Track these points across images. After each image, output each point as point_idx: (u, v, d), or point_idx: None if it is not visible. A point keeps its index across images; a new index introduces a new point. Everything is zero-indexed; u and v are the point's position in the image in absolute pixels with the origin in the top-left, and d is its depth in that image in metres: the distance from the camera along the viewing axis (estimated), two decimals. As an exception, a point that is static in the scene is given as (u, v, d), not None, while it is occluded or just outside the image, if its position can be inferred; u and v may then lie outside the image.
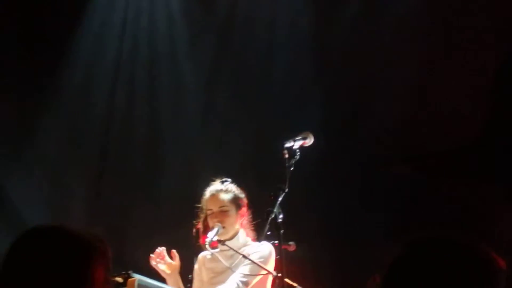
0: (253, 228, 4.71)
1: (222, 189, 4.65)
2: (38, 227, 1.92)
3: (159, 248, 4.50)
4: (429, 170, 5.81)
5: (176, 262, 4.48)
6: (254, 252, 4.44)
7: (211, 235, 4.41)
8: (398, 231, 5.24)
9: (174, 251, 4.48)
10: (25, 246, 1.87)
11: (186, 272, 4.63)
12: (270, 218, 3.76)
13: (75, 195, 6.90)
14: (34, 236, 1.89)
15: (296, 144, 4.05)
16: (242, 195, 4.68)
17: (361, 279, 1.87)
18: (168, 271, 4.41)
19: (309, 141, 4.14)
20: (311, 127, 4.33)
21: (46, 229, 1.91)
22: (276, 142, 4.15)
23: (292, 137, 4.08)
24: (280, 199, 3.83)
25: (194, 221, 4.72)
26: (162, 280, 4.42)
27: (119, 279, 3.75)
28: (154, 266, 4.43)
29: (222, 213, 4.56)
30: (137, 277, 3.78)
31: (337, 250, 5.89)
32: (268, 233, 3.89)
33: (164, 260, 4.44)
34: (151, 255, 4.49)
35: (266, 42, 6.66)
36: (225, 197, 4.61)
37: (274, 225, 3.81)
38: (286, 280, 3.87)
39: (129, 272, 3.83)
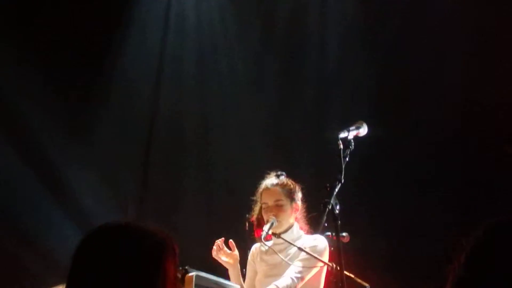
0: (307, 221, 4.69)
1: (278, 183, 4.64)
2: (106, 225, 1.91)
3: (218, 240, 4.51)
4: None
5: (235, 252, 4.50)
6: (309, 245, 4.43)
7: (266, 228, 4.41)
8: (453, 223, 5.17)
9: (231, 241, 4.49)
10: (96, 242, 1.85)
11: (241, 264, 4.63)
12: (327, 209, 3.73)
13: (128, 190, 6.95)
14: (104, 234, 1.87)
15: (351, 134, 4.02)
16: (297, 189, 4.66)
17: (417, 269, 1.83)
18: (230, 261, 4.43)
19: (363, 131, 4.11)
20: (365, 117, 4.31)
21: (115, 227, 1.89)
22: (331, 133, 4.12)
23: (347, 127, 4.05)
24: (336, 190, 3.80)
25: (248, 215, 4.72)
26: (220, 274, 4.43)
27: (177, 275, 3.75)
28: (215, 257, 4.44)
29: (277, 207, 4.56)
30: (195, 273, 3.77)
31: (392, 241, 5.84)
32: (325, 224, 3.86)
33: (224, 251, 4.45)
34: (213, 247, 4.51)
35: (316, 35, 6.65)
36: (280, 191, 4.60)
37: (331, 216, 3.78)
38: (345, 272, 3.83)
39: (187, 268, 3.82)
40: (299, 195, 4.69)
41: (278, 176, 4.69)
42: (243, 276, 4.56)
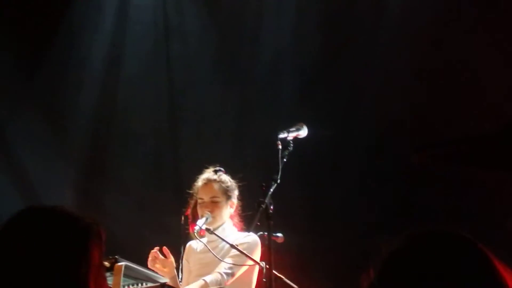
0: (241, 219, 4.70)
1: (215, 179, 4.63)
2: (33, 207, 1.87)
3: (152, 250, 4.47)
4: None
5: (170, 258, 4.45)
6: (241, 243, 4.44)
7: (200, 223, 4.40)
8: (392, 226, 5.22)
9: (165, 248, 4.44)
10: (20, 226, 1.81)
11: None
12: (261, 209, 3.75)
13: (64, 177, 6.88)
14: (29, 216, 1.84)
15: (290, 136, 4.05)
16: (234, 186, 4.67)
17: (351, 273, 1.84)
18: (164, 269, 4.35)
19: (303, 133, 4.13)
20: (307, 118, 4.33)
21: (41, 209, 1.86)
22: (272, 133, 4.14)
23: (287, 128, 4.07)
24: (272, 190, 3.82)
25: (184, 208, 4.71)
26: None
27: (106, 264, 3.73)
28: (151, 267, 4.38)
29: (213, 204, 4.55)
30: (124, 263, 3.75)
31: (326, 243, 5.88)
32: (258, 223, 3.88)
33: (159, 259, 4.41)
34: (149, 257, 4.45)
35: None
36: (217, 187, 4.60)
37: (265, 215, 3.79)
38: (274, 272, 3.85)
39: (117, 257, 3.80)
40: (235, 193, 4.69)
41: (216, 172, 4.68)
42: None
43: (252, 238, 4.46)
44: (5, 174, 6.71)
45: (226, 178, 4.67)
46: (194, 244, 4.71)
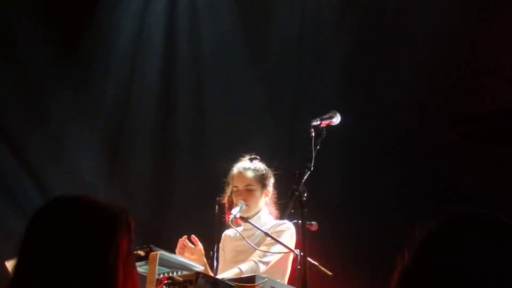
0: (277, 207, 4.69)
1: (250, 167, 4.63)
2: (61, 196, 1.89)
3: (181, 238, 4.47)
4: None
5: (198, 246, 4.45)
6: (276, 230, 4.42)
7: (234, 212, 4.40)
8: (427, 211, 5.16)
9: (193, 236, 4.45)
10: (49, 215, 1.84)
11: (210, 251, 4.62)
12: (294, 196, 3.73)
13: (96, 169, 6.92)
14: (58, 205, 1.86)
15: (323, 123, 4.02)
16: (270, 175, 4.66)
17: (387, 260, 1.82)
18: (192, 256, 4.36)
19: (336, 120, 4.10)
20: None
21: (70, 199, 1.88)
22: (305, 121, 4.11)
23: (320, 115, 4.05)
24: (305, 177, 3.80)
25: (219, 197, 4.71)
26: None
27: (141, 253, 3.74)
28: (179, 255, 4.40)
29: (247, 192, 4.55)
30: (159, 251, 3.76)
31: (360, 230, 5.85)
32: (292, 211, 3.86)
33: (188, 248, 4.42)
34: (177, 246, 4.47)
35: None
36: (252, 175, 4.59)
37: (299, 203, 3.77)
38: (308, 259, 3.83)
39: (151, 246, 3.82)
40: (271, 181, 4.68)
41: (251, 160, 4.68)
42: (211, 267, 4.54)
43: (286, 226, 4.45)
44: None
45: (261, 166, 4.66)
46: (230, 232, 4.71)
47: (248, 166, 4.66)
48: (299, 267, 3.91)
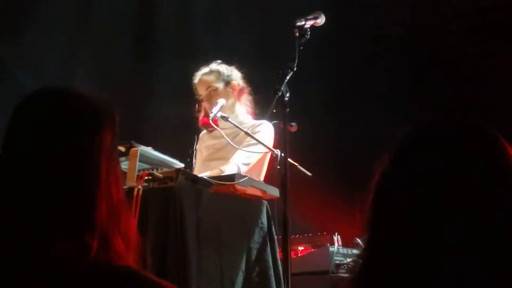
0: (252, 105, 4.68)
1: (206, 71, 4.61)
2: (44, 88, 1.84)
3: None
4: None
5: None
6: (255, 131, 4.43)
7: (215, 110, 4.39)
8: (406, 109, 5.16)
9: None
10: (31, 107, 1.80)
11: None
12: (277, 96, 3.70)
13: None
14: (42, 96, 1.82)
15: (308, 23, 3.96)
16: (233, 71, 4.63)
17: (365, 161, 1.82)
18: None
19: (321, 20, 4.04)
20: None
21: (53, 90, 1.83)
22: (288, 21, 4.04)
23: (304, 15, 3.98)
24: (288, 77, 3.77)
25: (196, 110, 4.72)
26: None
27: (122, 148, 3.72)
28: None
29: (212, 93, 4.55)
30: (140, 147, 3.74)
31: (340, 131, 5.87)
32: (274, 111, 3.84)
33: None
34: None
35: None
36: (211, 78, 4.58)
37: (281, 103, 3.75)
38: (289, 160, 3.85)
39: (132, 142, 3.79)
40: (236, 75, 4.67)
41: (207, 65, 4.67)
42: (190, 167, 4.57)
43: (265, 126, 4.46)
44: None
45: (218, 66, 4.64)
46: (206, 132, 4.72)
47: (204, 71, 4.65)
48: (278, 167, 3.93)
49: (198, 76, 4.68)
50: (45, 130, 1.74)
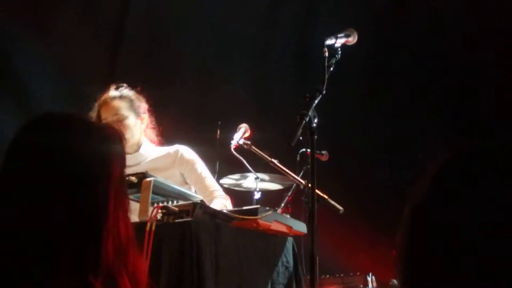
0: (158, 133, 4.66)
1: (116, 96, 4.56)
2: (51, 113, 1.84)
3: None
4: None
5: None
6: (185, 161, 4.48)
7: (237, 137, 4.41)
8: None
9: None
10: (38, 133, 1.78)
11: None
12: (303, 122, 3.66)
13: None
14: (48, 122, 1.81)
15: (338, 42, 3.93)
16: (141, 100, 4.61)
17: (400, 193, 1.80)
18: None
19: (353, 39, 4.00)
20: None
21: (63, 116, 1.83)
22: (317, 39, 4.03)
23: (334, 33, 3.95)
24: (316, 101, 3.73)
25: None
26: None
27: (134, 179, 3.73)
28: None
29: (119, 122, 4.49)
30: (153, 178, 3.74)
31: (376, 164, 5.86)
32: (300, 138, 3.80)
33: None
34: None
35: None
36: (122, 104, 4.55)
37: (308, 130, 3.72)
38: (318, 192, 3.82)
39: (145, 172, 3.80)
40: (143, 106, 4.64)
41: (117, 88, 4.62)
42: None
43: (188, 152, 4.48)
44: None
45: (129, 92, 4.61)
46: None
47: (115, 94, 4.59)
48: (305, 200, 3.90)
49: (107, 97, 4.58)
50: (49, 160, 1.73)
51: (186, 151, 4.54)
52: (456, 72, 6.14)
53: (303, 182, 4.00)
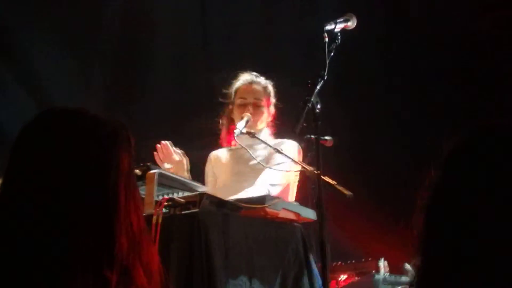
0: (275, 127, 4.73)
1: (260, 81, 4.66)
2: (58, 108, 1.87)
3: (163, 141, 4.51)
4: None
5: (180, 158, 4.49)
6: (283, 149, 4.44)
7: (240, 126, 4.43)
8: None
9: (177, 149, 4.50)
10: (43, 129, 1.81)
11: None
12: (307, 108, 3.70)
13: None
14: (53, 118, 1.84)
15: (338, 27, 3.97)
16: (274, 94, 4.71)
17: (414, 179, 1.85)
18: (171, 169, 4.40)
19: (352, 24, 4.05)
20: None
21: (64, 111, 1.85)
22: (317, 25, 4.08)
23: (334, 19, 4.00)
24: (318, 87, 3.78)
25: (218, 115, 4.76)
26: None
27: (138, 172, 3.73)
28: (158, 163, 4.43)
29: (256, 106, 4.58)
30: (158, 170, 3.76)
31: (382, 146, 5.88)
32: (304, 124, 3.84)
33: (172, 158, 4.46)
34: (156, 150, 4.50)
35: None
36: (262, 90, 4.64)
37: (312, 116, 3.76)
38: (325, 178, 3.86)
39: (149, 164, 3.82)
40: (273, 102, 4.73)
41: (256, 76, 4.73)
42: None
43: (291, 143, 4.50)
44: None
45: (269, 84, 4.70)
46: (220, 154, 4.75)
47: (257, 80, 4.70)
48: (313, 186, 3.94)
49: (249, 79, 4.74)
50: (57, 156, 1.76)
51: (289, 143, 4.57)
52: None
53: (309, 168, 4.03)
